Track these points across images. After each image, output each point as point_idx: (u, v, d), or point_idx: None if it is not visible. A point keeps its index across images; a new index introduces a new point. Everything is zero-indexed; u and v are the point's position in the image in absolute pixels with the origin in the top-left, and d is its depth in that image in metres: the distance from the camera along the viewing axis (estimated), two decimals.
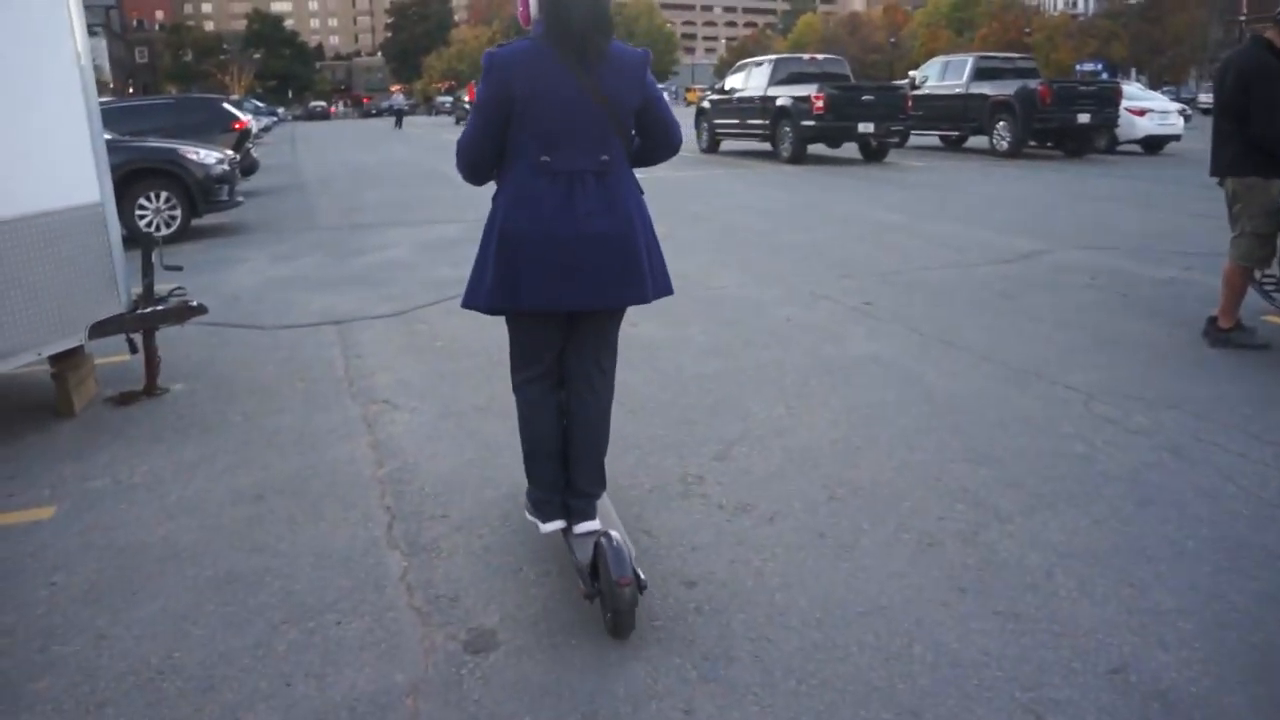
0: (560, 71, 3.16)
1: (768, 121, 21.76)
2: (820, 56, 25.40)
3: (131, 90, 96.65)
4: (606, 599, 3.21)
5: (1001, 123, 22.05)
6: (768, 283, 8.60)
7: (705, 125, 25.19)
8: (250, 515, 4.35)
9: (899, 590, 3.52)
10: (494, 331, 7.07)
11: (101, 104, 16.85)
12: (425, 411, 5.55)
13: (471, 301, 3.49)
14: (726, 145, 24.83)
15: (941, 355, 6.31)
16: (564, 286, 3.31)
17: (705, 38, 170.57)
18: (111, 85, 77.56)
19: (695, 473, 4.56)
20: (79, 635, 3.48)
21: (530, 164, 3.25)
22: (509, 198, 3.31)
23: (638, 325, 7.12)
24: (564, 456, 3.67)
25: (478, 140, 3.31)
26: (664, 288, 3.59)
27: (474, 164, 3.41)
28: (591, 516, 3.64)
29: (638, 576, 3.23)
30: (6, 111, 5.26)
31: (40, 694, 3.16)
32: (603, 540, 3.27)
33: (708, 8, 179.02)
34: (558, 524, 3.64)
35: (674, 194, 15.53)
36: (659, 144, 3.61)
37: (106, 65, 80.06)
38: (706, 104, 25.43)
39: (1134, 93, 24.03)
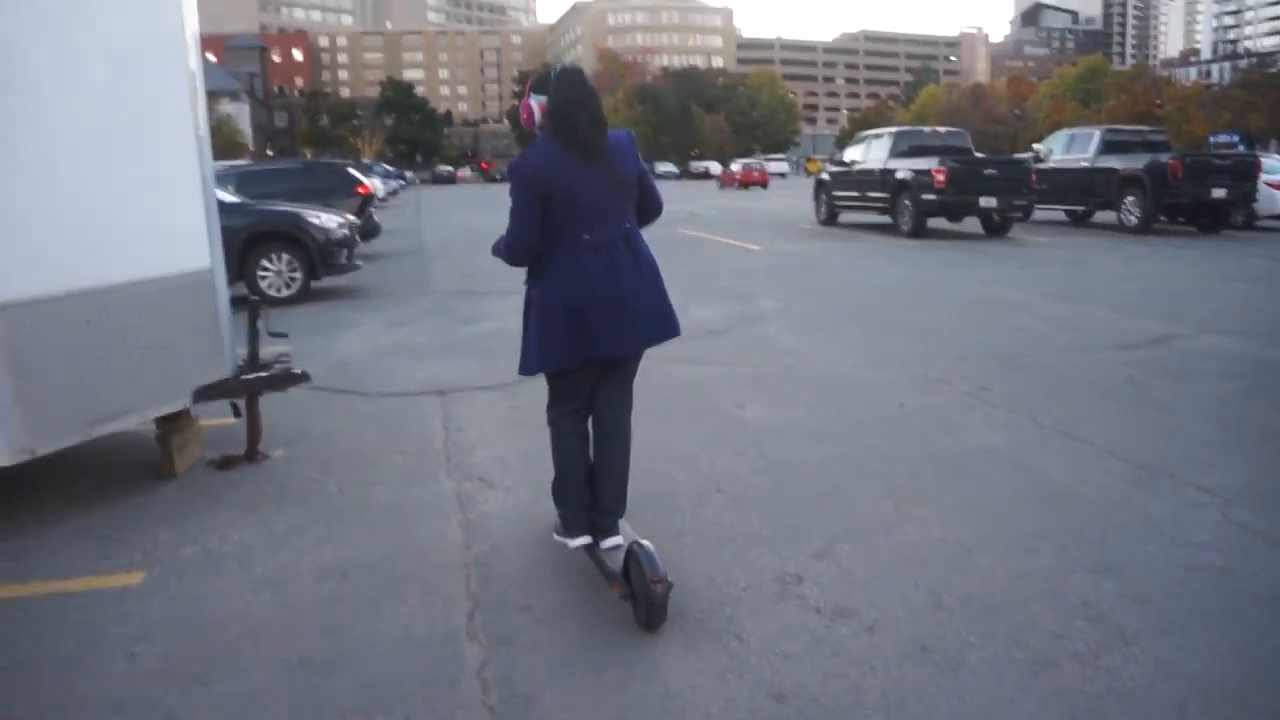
0: (578, 165, 3.86)
1: (887, 194, 21.45)
2: (942, 129, 25.03)
3: (270, 153, 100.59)
4: (641, 597, 3.80)
5: (1130, 198, 21.33)
6: (881, 364, 8.32)
7: (824, 197, 24.96)
8: (332, 593, 4.25)
9: (1009, 719, 3.23)
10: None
11: (235, 167, 17.51)
12: (520, 492, 5.42)
13: (541, 366, 4.10)
14: (845, 218, 24.56)
15: (1062, 448, 5.95)
16: (622, 336, 4.06)
17: (827, 108, 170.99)
18: (251, 148, 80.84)
19: (794, 571, 4.31)
20: (148, 713, 3.40)
21: (574, 243, 3.90)
22: (562, 273, 3.93)
23: (744, 408, 6.94)
24: (590, 480, 4.33)
25: (527, 234, 3.92)
26: (678, 326, 4.40)
27: (525, 254, 4.01)
28: (617, 532, 4.28)
29: (665, 576, 3.77)
30: (125, 177, 5.35)
31: None
32: (636, 546, 3.88)
33: (830, 79, 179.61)
34: (585, 539, 4.27)
35: (789, 267, 15.36)
36: (649, 209, 4.33)
37: (248, 129, 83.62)
38: (826, 175, 25.22)
39: (1273, 166, 22.94)
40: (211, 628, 3.98)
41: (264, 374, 6.04)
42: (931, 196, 19.90)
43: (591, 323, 3.96)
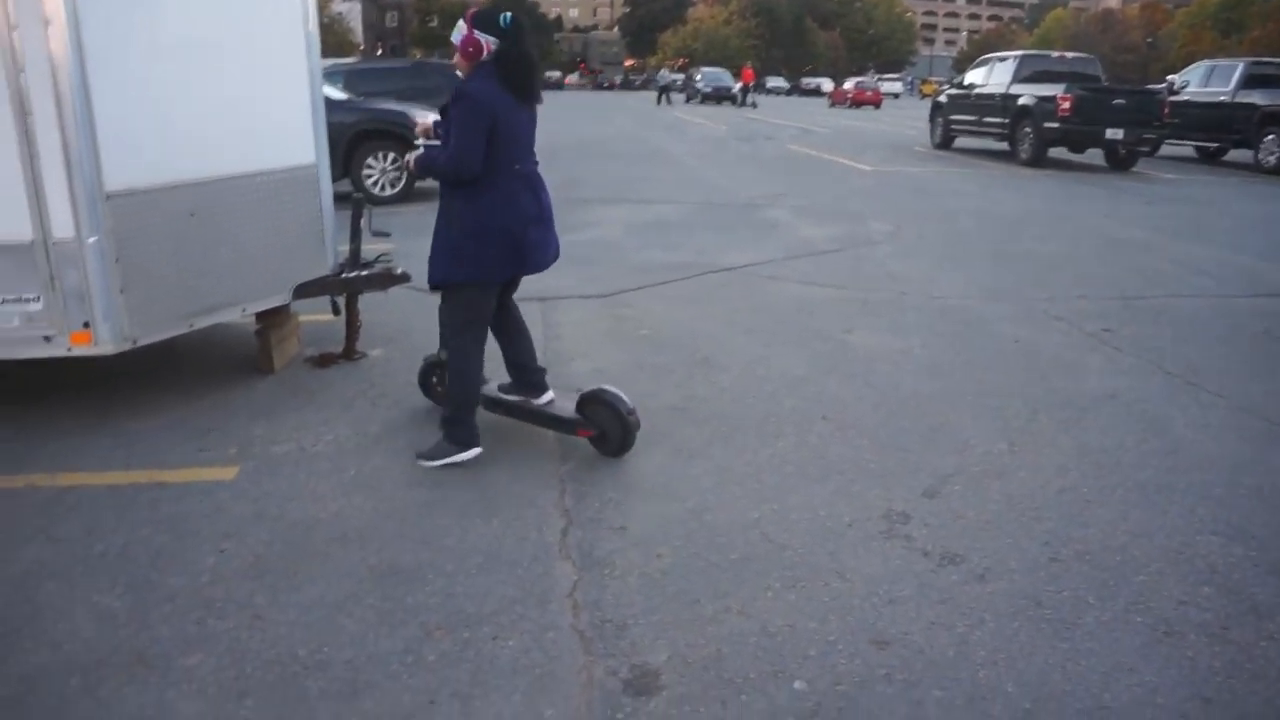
0: (514, 105, 4.30)
1: (1007, 120, 20.57)
2: (1070, 54, 23.89)
3: (380, 52, 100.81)
4: (617, 432, 4.56)
5: (1271, 136, 20.17)
6: (996, 296, 7.95)
7: (940, 120, 24.08)
8: (425, 501, 4.17)
9: (1127, 688, 2.99)
10: (701, 324, 6.82)
11: (345, 65, 17.38)
12: None
13: (475, 275, 4.39)
14: (960, 143, 23.71)
15: (1191, 401, 5.59)
16: (545, 252, 4.56)
17: (946, 29, 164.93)
18: (362, 47, 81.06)
19: (901, 510, 4.10)
20: (236, 612, 3.36)
21: (509, 171, 4.33)
22: (501, 197, 4.32)
23: (853, 332, 6.68)
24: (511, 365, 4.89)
25: (474, 152, 4.19)
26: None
27: (470, 171, 4.24)
28: (548, 388, 4.86)
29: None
30: (232, 70, 5.25)
31: (189, 671, 3.04)
32: (606, 390, 4.61)
33: None
34: (479, 448, 4.59)
35: (901, 191, 14.86)
36: None
37: (359, 28, 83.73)
38: (943, 99, 24.31)
39: None
40: (302, 528, 3.94)
41: (365, 273, 5.96)
42: (1054, 125, 19.01)
43: (525, 241, 4.41)
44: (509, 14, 4.32)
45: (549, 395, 4.85)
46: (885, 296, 7.81)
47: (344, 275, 5.89)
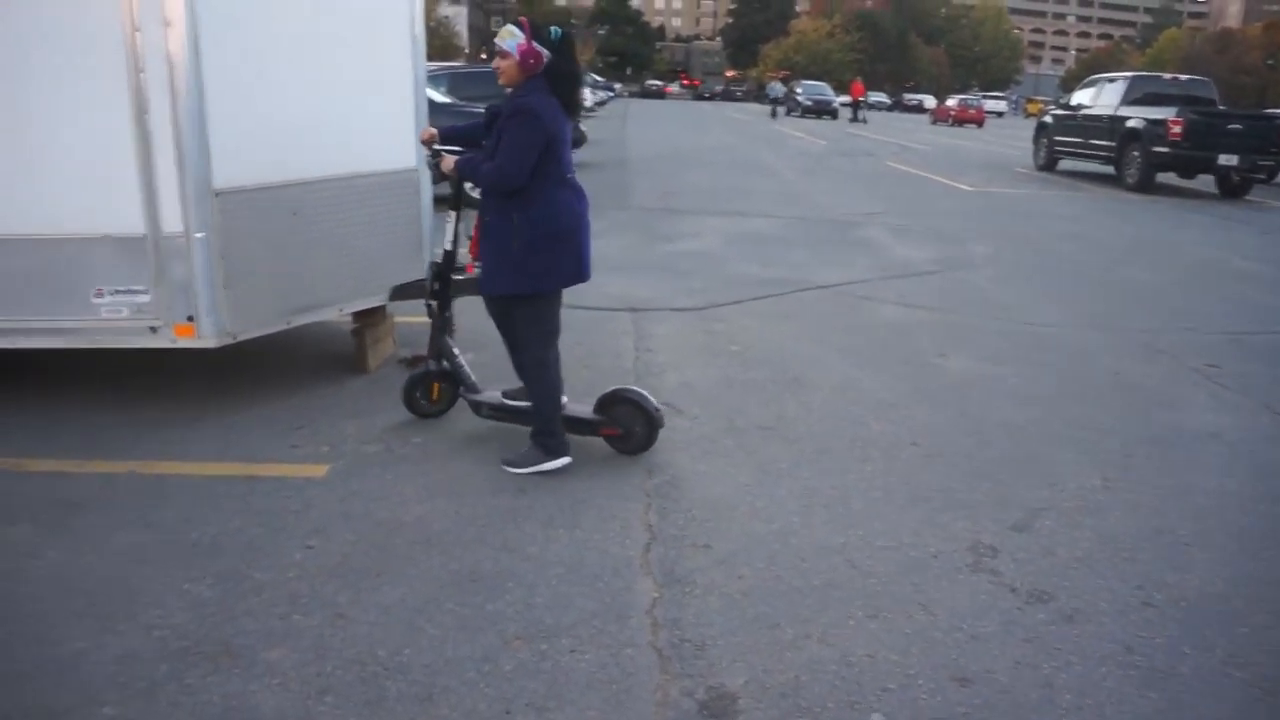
0: (563, 118, 4.39)
1: (1115, 143, 20.07)
2: (1184, 77, 23.23)
3: (484, 56, 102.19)
4: (642, 430, 4.72)
5: None
6: (1096, 326, 7.76)
7: (1044, 141, 23.58)
8: (508, 509, 4.20)
9: None
10: (793, 342, 6.78)
11: (449, 68, 17.63)
12: (707, 422, 5.26)
13: (542, 285, 4.47)
14: (1064, 165, 23.21)
15: None
16: (588, 263, 4.61)
17: (1054, 47, 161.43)
18: (466, 50, 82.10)
19: (988, 543, 4.01)
20: (320, 609, 3.41)
21: (559, 180, 4.40)
22: (559, 205, 4.41)
23: (946, 357, 6.57)
24: None
25: (526, 168, 4.27)
26: None
27: (516, 185, 4.30)
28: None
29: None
30: (338, 72, 5.37)
31: (272, 665, 3.09)
32: (628, 388, 4.82)
33: (1060, 15, 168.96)
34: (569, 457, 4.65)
35: (1002, 213, 14.60)
36: None
37: (465, 31, 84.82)
38: (1048, 118, 23.82)
39: None
40: (387, 529, 3.99)
41: (461, 276, 6.01)
42: (1164, 149, 18.51)
43: (581, 247, 4.53)
44: (557, 28, 4.41)
45: (563, 399, 4.84)
46: (981, 321, 7.67)
47: None
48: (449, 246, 4.88)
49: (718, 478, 4.58)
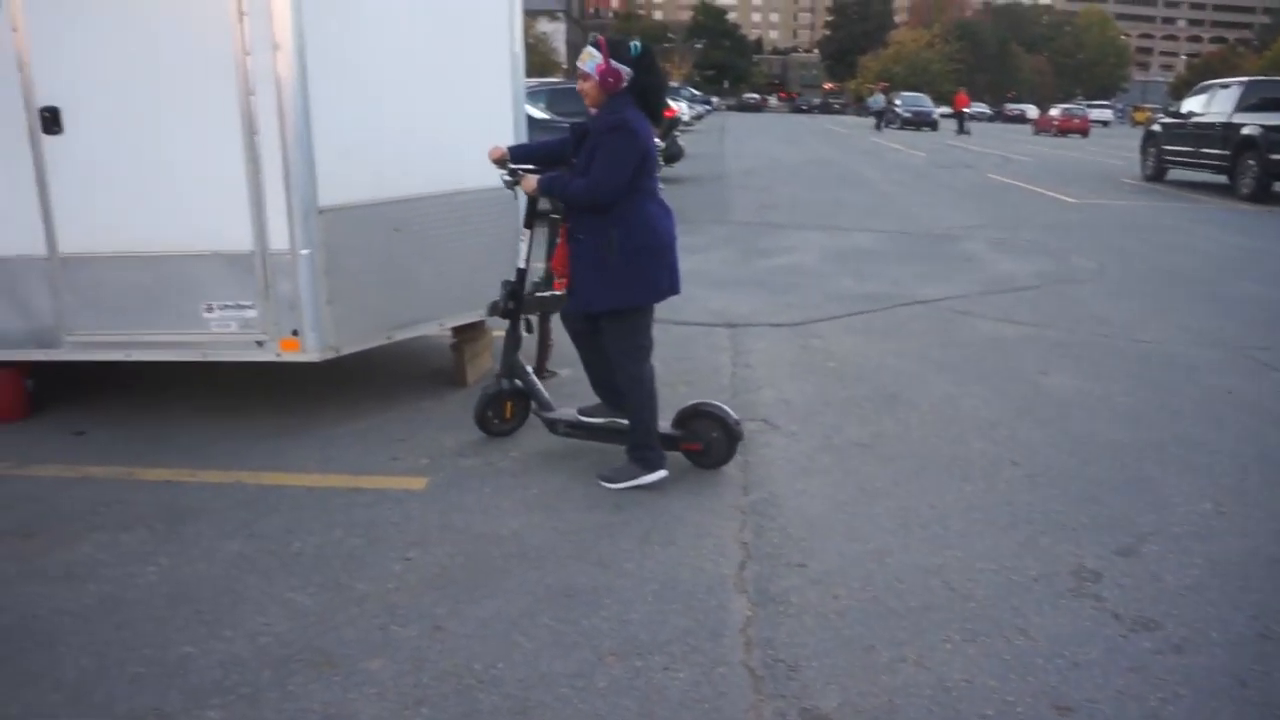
0: (652, 133, 4.45)
1: (1228, 152, 19.41)
2: None
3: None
4: (721, 444, 4.71)
5: None
6: (1209, 343, 7.51)
7: (1152, 150, 22.91)
8: (603, 524, 4.22)
9: None
10: (892, 359, 6.70)
11: (546, 84, 17.84)
12: (804, 439, 5.22)
13: (641, 299, 4.52)
14: (1174, 175, 22.55)
15: None
16: (678, 273, 4.63)
17: (1163, 53, 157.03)
18: (564, 67, 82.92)
19: (1092, 567, 3.91)
20: (418, 621, 3.46)
21: (651, 194, 4.47)
22: (652, 218, 4.45)
23: (1049, 374, 6.43)
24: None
25: (626, 184, 4.34)
26: None
27: (617, 197, 4.36)
28: None
29: None
30: (440, 92, 5.48)
31: (371, 675, 3.15)
32: (707, 402, 4.82)
33: (1170, 20, 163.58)
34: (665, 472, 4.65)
35: (1108, 225, 14.24)
36: None
37: (562, 48, 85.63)
38: (1157, 127, 23.14)
39: None
40: (484, 543, 4.04)
41: (558, 292, 6.06)
42: None
43: (674, 260, 4.56)
44: (637, 43, 4.43)
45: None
46: (1086, 338, 7.49)
47: (538, 294, 6.01)
48: (522, 265, 4.92)
49: (814, 496, 4.54)
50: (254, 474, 4.74)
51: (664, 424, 4.75)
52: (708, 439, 4.71)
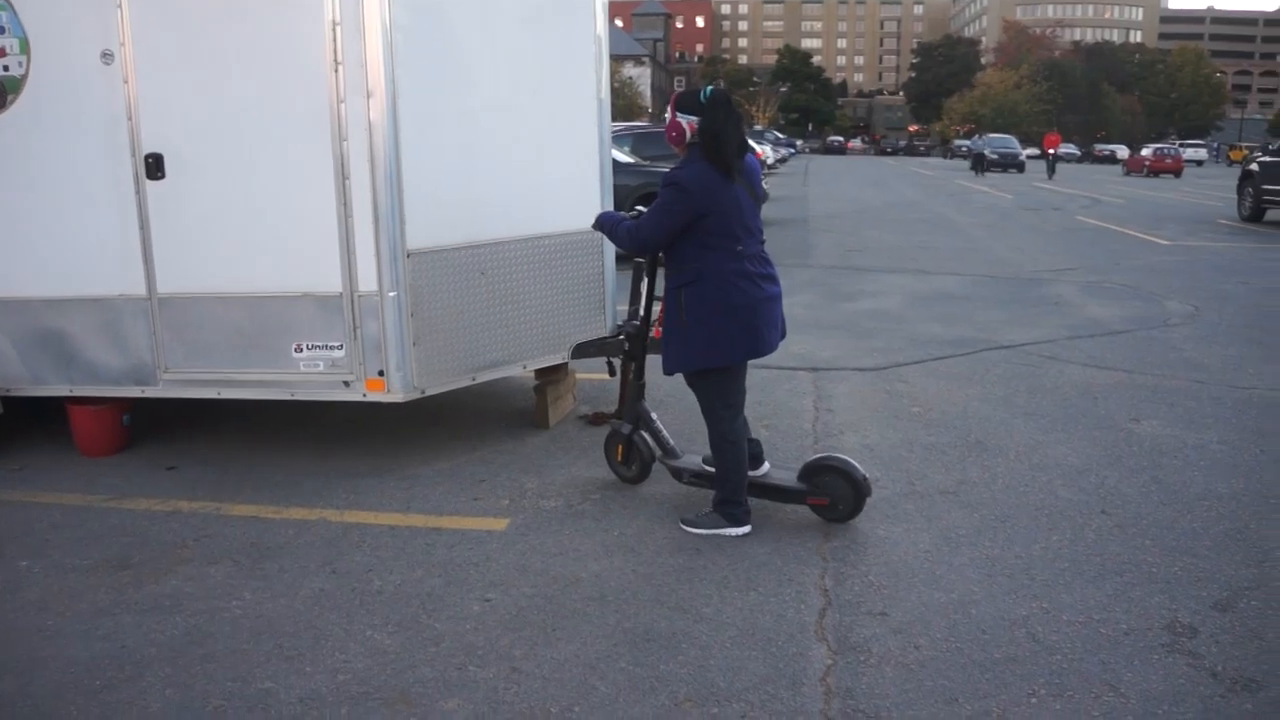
0: (727, 184, 4.26)
1: None
2: None
3: (666, 116, 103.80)
4: (849, 500, 4.57)
5: None
6: None
7: (1249, 190, 22.29)
8: (684, 568, 4.20)
9: None
10: (977, 404, 6.61)
11: (632, 128, 18.02)
12: (887, 485, 5.15)
13: (712, 360, 4.43)
14: (1273, 215, 21.93)
15: None
16: (774, 333, 4.54)
17: (1261, 89, 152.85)
18: (650, 110, 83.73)
19: (1187, 622, 3.78)
20: (495, 661, 3.47)
21: (729, 253, 4.31)
22: (729, 279, 4.32)
23: (1140, 421, 6.27)
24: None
25: (665, 237, 4.36)
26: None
27: (653, 250, 4.56)
28: (765, 459, 4.86)
29: None
30: (528, 136, 5.56)
31: (446, 715, 3.17)
32: (835, 456, 4.69)
33: (1269, 55, 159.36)
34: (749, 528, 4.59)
35: (1203, 268, 13.90)
36: None
37: (648, 92, 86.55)
38: (1255, 165, 22.55)
39: None
40: (564, 585, 4.04)
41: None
42: None
43: (757, 321, 4.39)
44: (709, 88, 4.38)
45: (766, 466, 4.83)
46: (1180, 384, 7.29)
47: (604, 338, 6.05)
48: (642, 310, 4.93)
49: (896, 543, 4.47)
50: (337, 512, 4.82)
51: (788, 476, 4.70)
52: (835, 494, 4.60)
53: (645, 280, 5.13)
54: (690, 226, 4.27)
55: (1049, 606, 3.88)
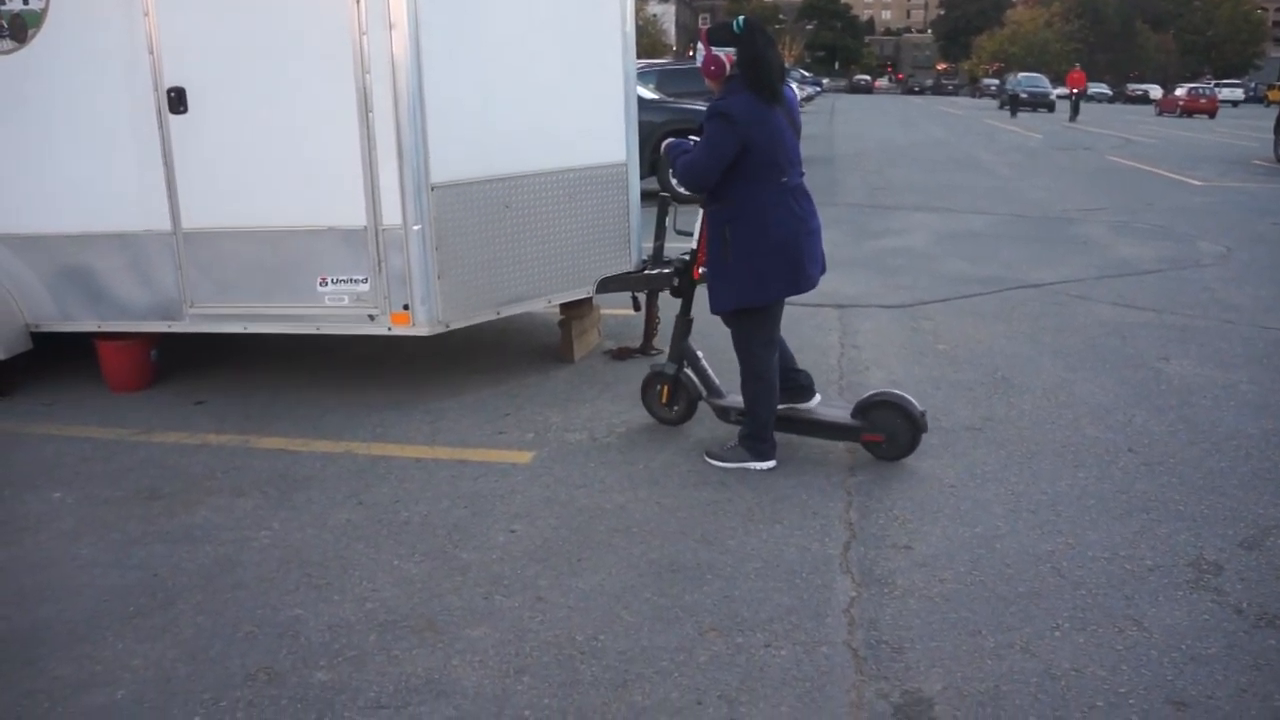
0: (771, 113, 4.20)
1: None
2: None
3: (691, 53, 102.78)
4: (906, 434, 4.49)
5: None
6: None
7: None
8: (709, 501, 4.21)
9: None
10: (1003, 342, 6.56)
11: (657, 65, 17.85)
12: None
13: (759, 297, 4.36)
14: None
15: None
16: (815, 269, 4.47)
17: None
18: (674, 48, 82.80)
19: (1212, 559, 3.76)
20: (521, 591, 3.50)
21: (776, 186, 4.25)
22: (774, 212, 4.26)
23: (1169, 361, 6.21)
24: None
25: (715, 169, 4.23)
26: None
27: (704, 185, 4.34)
28: (815, 390, 4.85)
29: None
30: (552, 70, 5.50)
31: (473, 642, 3.20)
32: (891, 391, 4.60)
33: None
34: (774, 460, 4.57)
35: (1236, 208, 13.69)
36: None
37: (672, 29, 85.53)
38: None
39: None
40: (589, 517, 4.06)
41: (666, 270, 6.06)
42: None
43: (801, 256, 4.33)
44: (741, 18, 4.30)
45: (817, 398, 4.82)
46: (1210, 324, 7.22)
47: (646, 272, 6.02)
48: (695, 245, 4.85)
49: (922, 478, 4.47)
50: (364, 445, 4.85)
51: (840, 413, 4.65)
52: (891, 430, 4.52)
53: (699, 217, 5.11)
54: (736, 159, 4.18)
55: (1074, 542, 3.87)
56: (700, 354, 4.94)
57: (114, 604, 3.48)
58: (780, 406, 4.63)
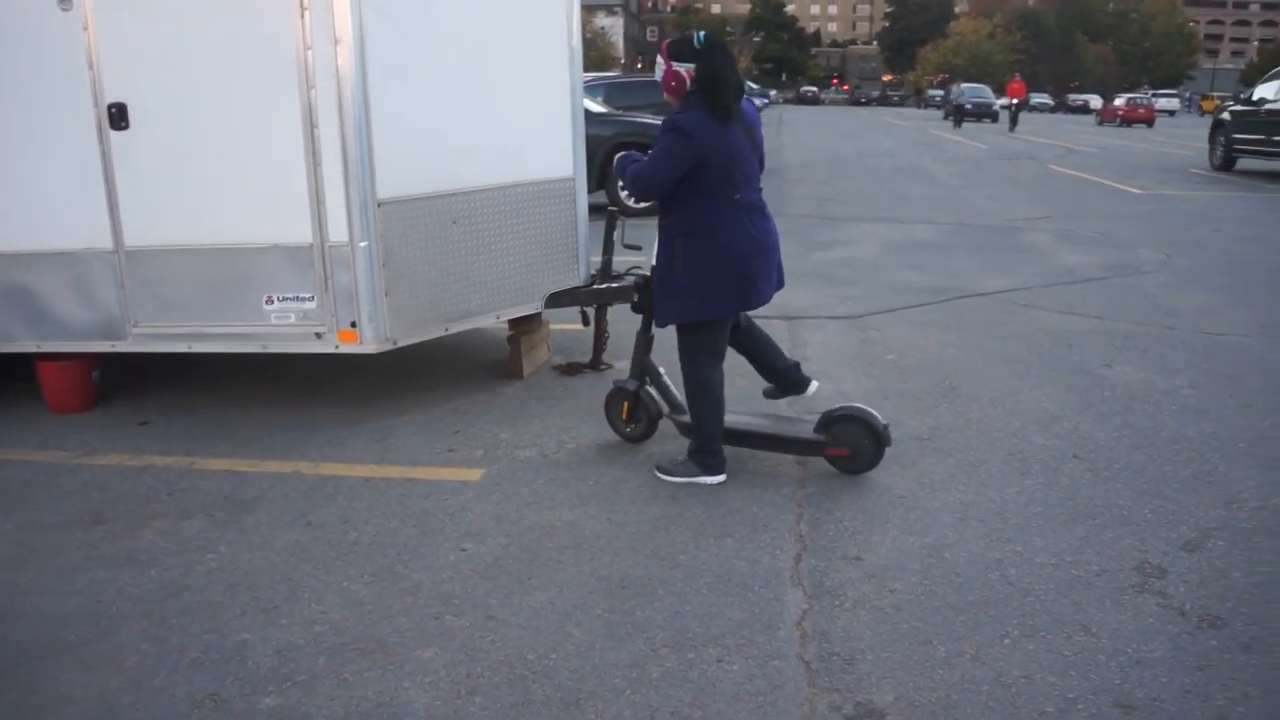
0: (724, 130, 4.18)
1: None
2: None
3: (640, 66, 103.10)
4: (869, 449, 4.52)
5: None
6: (1279, 334, 7.33)
7: (1221, 139, 22.28)
8: (659, 516, 4.21)
9: None
10: (951, 352, 6.62)
11: (604, 78, 17.88)
12: None
13: (706, 312, 4.39)
14: (1244, 164, 21.98)
15: None
16: (769, 284, 4.49)
17: (1234, 39, 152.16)
18: (623, 61, 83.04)
19: (1156, 563, 3.82)
20: (471, 611, 3.48)
21: (729, 201, 4.25)
22: (725, 227, 4.27)
23: (1112, 366, 6.31)
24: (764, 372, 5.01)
25: (667, 182, 4.23)
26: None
27: (653, 195, 4.33)
28: (810, 378, 5.00)
29: None
30: (497, 84, 5.49)
31: (424, 663, 3.17)
32: (855, 406, 4.61)
33: (1242, 4, 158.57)
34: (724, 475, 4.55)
35: (1175, 216, 13.94)
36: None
37: (620, 42, 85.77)
38: (1226, 115, 22.53)
39: None
40: (539, 534, 4.04)
41: (615, 285, 6.06)
42: None
43: (753, 273, 4.34)
44: (702, 34, 4.30)
45: (814, 385, 4.98)
46: (1152, 330, 7.33)
47: (595, 286, 6.01)
48: (655, 260, 4.83)
49: (871, 489, 4.49)
50: (312, 464, 4.80)
51: (803, 429, 4.63)
52: (856, 445, 4.53)
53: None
54: (689, 174, 4.19)
55: (1022, 550, 3.91)
56: (662, 370, 4.92)
57: (56, 632, 3.41)
58: (748, 419, 4.76)
